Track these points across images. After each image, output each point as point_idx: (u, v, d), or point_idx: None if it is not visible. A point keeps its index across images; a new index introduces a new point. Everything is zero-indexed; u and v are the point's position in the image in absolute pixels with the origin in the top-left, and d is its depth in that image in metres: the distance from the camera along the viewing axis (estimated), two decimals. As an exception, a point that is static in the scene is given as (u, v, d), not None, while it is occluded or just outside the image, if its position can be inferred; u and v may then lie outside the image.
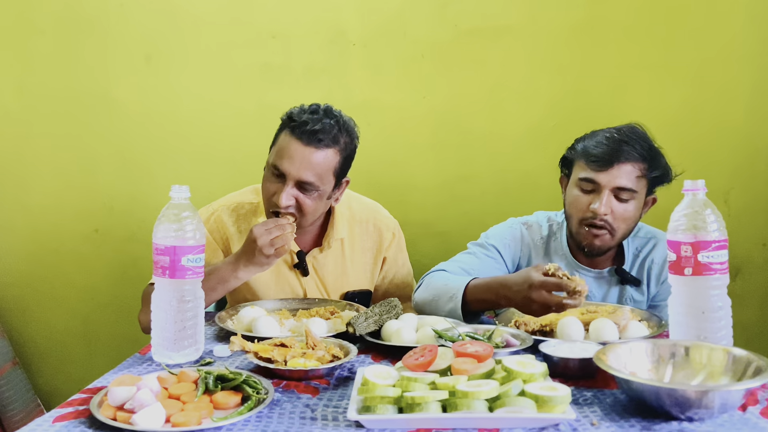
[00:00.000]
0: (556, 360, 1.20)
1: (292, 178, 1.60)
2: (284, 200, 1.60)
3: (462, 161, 2.42)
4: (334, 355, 1.25)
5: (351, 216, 1.85)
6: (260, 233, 1.52)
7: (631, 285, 1.74)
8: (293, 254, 1.78)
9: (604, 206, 1.61)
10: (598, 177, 1.63)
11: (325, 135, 1.60)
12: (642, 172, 1.63)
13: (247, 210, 1.81)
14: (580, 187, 1.67)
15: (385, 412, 0.98)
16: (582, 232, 1.67)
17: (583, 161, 1.66)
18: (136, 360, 1.33)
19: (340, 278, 1.83)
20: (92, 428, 0.98)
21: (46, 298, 2.51)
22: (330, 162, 1.63)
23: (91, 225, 2.48)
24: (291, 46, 2.40)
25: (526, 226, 1.84)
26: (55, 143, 2.45)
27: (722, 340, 1.23)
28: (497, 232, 1.84)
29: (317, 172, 1.61)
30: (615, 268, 1.75)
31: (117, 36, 2.42)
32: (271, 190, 1.64)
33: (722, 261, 1.24)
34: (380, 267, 1.89)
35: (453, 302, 1.57)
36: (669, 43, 2.33)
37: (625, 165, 1.61)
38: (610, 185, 1.62)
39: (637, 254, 1.76)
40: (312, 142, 1.60)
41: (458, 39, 2.38)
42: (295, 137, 1.61)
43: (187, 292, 1.28)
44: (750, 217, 2.34)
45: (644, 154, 1.63)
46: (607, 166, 1.61)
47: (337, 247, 1.81)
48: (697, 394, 0.97)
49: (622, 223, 1.64)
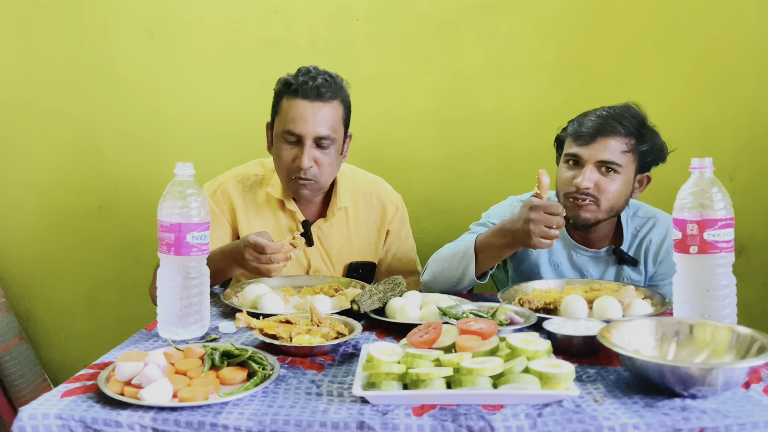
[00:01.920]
0: (559, 337, 1.21)
1: (310, 136, 1.65)
2: (306, 161, 1.64)
3: (466, 138, 2.41)
4: (339, 332, 1.26)
5: (355, 189, 1.87)
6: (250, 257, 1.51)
7: (629, 265, 1.74)
8: (299, 224, 1.80)
9: (586, 180, 1.61)
10: (581, 151, 1.63)
11: (327, 88, 1.66)
12: (628, 147, 1.62)
13: (252, 182, 1.83)
14: (566, 164, 1.68)
15: (390, 389, 0.99)
16: (568, 205, 1.67)
17: (571, 138, 1.68)
18: (142, 336, 1.34)
19: (344, 249, 1.85)
20: (100, 403, 0.99)
21: (51, 274, 2.52)
22: (338, 113, 1.69)
23: (95, 201, 2.48)
24: (294, 21, 2.38)
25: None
26: (59, 119, 2.44)
27: (726, 318, 1.23)
28: (497, 210, 1.85)
29: (330, 125, 1.67)
30: (613, 248, 1.75)
31: (119, 11, 2.39)
32: (289, 156, 1.68)
33: (728, 239, 1.23)
34: (384, 240, 1.91)
35: (466, 259, 1.59)
36: (676, 19, 2.31)
37: (610, 139, 1.61)
38: (593, 159, 1.62)
39: (636, 234, 1.76)
40: (319, 98, 1.65)
41: (463, 14, 2.35)
42: (300, 98, 1.65)
43: (192, 269, 1.28)
44: (755, 195, 2.34)
45: (632, 130, 1.62)
46: (590, 141, 1.62)
47: (341, 217, 1.84)
48: (700, 371, 0.98)
49: (608, 196, 1.63)
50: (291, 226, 1.81)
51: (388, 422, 0.93)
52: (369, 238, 1.89)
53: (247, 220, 1.80)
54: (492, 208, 1.87)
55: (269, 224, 1.80)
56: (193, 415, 0.95)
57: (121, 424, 0.94)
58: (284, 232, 1.80)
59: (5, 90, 2.44)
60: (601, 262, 1.76)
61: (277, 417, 0.95)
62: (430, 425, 0.93)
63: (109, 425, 0.94)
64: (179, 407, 0.97)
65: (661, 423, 0.92)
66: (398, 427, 0.92)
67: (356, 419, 0.94)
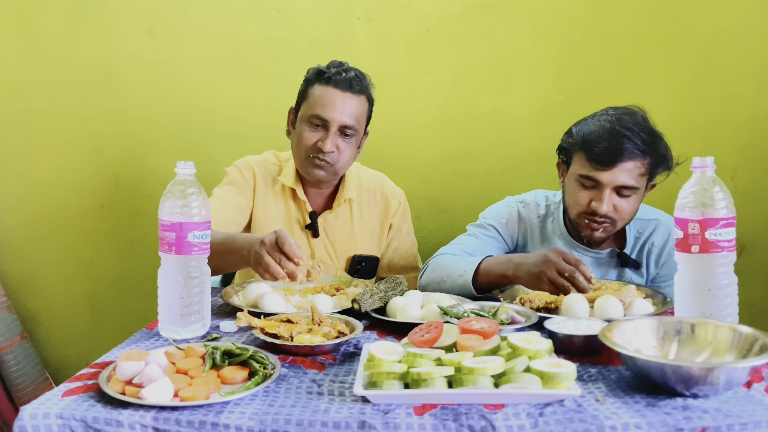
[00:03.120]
0: (561, 337, 1.21)
1: (336, 123, 1.72)
2: (329, 145, 1.71)
3: (467, 137, 2.41)
4: (340, 331, 1.26)
5: (360, 183, 1.91)
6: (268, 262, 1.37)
7: (631, 268, 1.73)
8: (306, 214, 1.83)
9: (606, 205, 1.59)
10: (600, 176, 1.59)
11: (358, 82, 1.75)
12: (645, 168, 1.60)
13: (271, 169, 1.88)
14: (580, 183, 1.64)
15: (391, 388, 0.99)
16: (582, 224, 1.66)
17: (584, 156, 1.62)
18: (143, 335, 1.34)
19: (348, 241, 1.88)
20: (101, 402, 0.98)
21: (53, 273, 2.52)
22: (363, 108, 1.78)
23: (96, 200, 2.48)
24: (295, 20, 2.38)
25: (523, 204, 1.83)
26: (60, 118, 2.44)
27: (728, 318, 1.23)
28: (494, 211, 1.85)
29: (356, 116, 1.75)
30: (616, 251, 1.74)
31: (119, 9, 2.39)
32: (313, 138, 1.73)
33: (729, 239, 1.23)
34: (386, 234, 1.93)
35: (463, 279, 1.58)
36: (677, 18, 2.30)
37: (627, 163, 1.57)
38: (612, 184, 1.59)
39: (638, 237, 1.75)
40: (349, 89, 1.73)
41: (464, 13, 2.35)
42: (332, 86, 1.72)
43: (193, 268, 1.28)
44: (757, 194, 2.33)
45: (646, 148, 1.57)
46: (609, 166, 1.57)
47: (346, 209, 1.87)
48: (702, 371, 0.98)
49: (623, 216, 1.64)
50: (299, 217, 1.85)
51: (390, 422, 0.93)
52: (372, 231, 1.91)
53: (263, 203, 1.84)
54: (489, 209, 1.87)
55: (280, 213, 1.84)
56: (194, 415, 0.95)
57: (122, 424, 0.94)
58: (293, 222, 1.84)
59: (6, 89, 2.44)
60: (603, 264, 1.76)
61: (278, 416, 0.95)
62: (431, 424, 0.92)
63: (110, 425, 0.94)
64: (180, 407, 0.96)
65: (662, 422, 0.92)
66: (399, 426, 0.92)
67: (357, 419, 0.93)
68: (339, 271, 1.87)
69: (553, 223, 1.79)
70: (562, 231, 1.77)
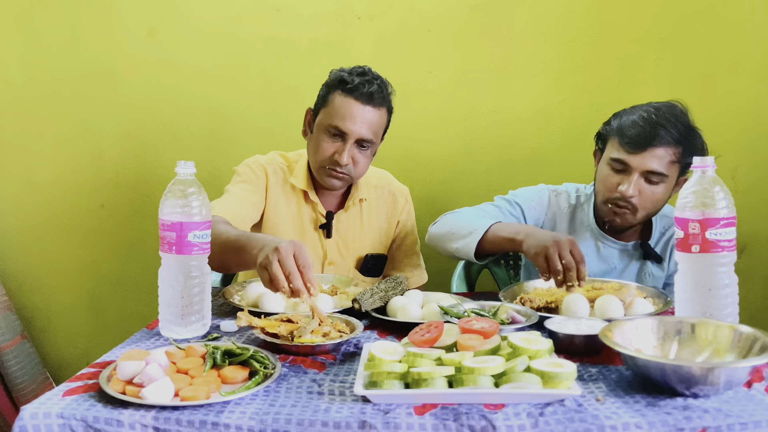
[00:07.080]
0: (561, 336, 1.21)
1: (354, 136, 1.70)
2: (346, 158, 1.70)
3: (468, 136, 2.41)
4: (341, 331, 1.26)
5: (367, 182, 1.91)
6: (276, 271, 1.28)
7: (653, 261, 1.75)
8: (318, 215, 1.83)
9: (632, 189, 1.61)
10: (629, 159, 1.61)
11: (379, 95, 1.72)
12: (675, 157, 1.61)
13: (280, 168, 1.86)
14: (611, 167, 1.67)
15: (391, 388, 0.99)
16: (605, 209, 1.69)
17: (617, 140, 1.65)
18: (143, 335, 1.34)
19: (358, 240, 1.88)
20: (101, 402, 0.98)
21: (53, 273, 2.52)
22: (383, 120, 1.76)
23: (96, 200, 2.48)
24: (296, 20, 2.38)
25: (555, 193, 1.86)
26: (60, 118, 2.44)
27: (728, 317, 1.23)
28: (525, 193, 1.87)
29: (374, 130, 1.73)
30: (640, 242, 1.76)
31: (120, 9, 2.39)
32: (330, 149, 1.72)
33: (730, 238, 1.23)
34: (393, 231, 1.94)
35: (472, 236, 1.62)
36: (678, 17, 2.30)
37: (659, 149, 1.59)
38: (641, 168, 1.61)
39: (664, 233, 1.78)
40: (370, 102, 1.70)
41: (465, 13, 2.35)
42: (353, 98, 1.69)
43: (193, 268, 1.28)
44: (757, 194, 2.33)
45: (680, 138, 1.59)
46: (640, 150, 1.59)
47: (356, 209, 1.88)
48: (702, 370, 0.97)
49: (648, 204, 1.65)
50: (312, 217, 1.84)
51: (390, 421, 0.93)
52: (380, 229, 1.92)
53: (275, 202, 1.82)
54: (521, 189, 1.89)
55: (292, 212, 1.83)
56: (194, 414, 0.95)
57: (123, 423, 0.94)
58: (305, 222, 1.83)
59: (6, 89, 2.44)
60: (626, 255, 1.78)
61: (279, 416, 0.95)
62: (431, 424, 0.93)
63: (110, 424, 0.94)
64: (181, 406, 0.96)
65: (663, 422, 0.92)
66: (400, 426, 0.92)
67: (358, 418, 0.93)
68: (351, 271, 1.87)
69: (582, 213, 1.82)
70: (590, 222, 1.79)
